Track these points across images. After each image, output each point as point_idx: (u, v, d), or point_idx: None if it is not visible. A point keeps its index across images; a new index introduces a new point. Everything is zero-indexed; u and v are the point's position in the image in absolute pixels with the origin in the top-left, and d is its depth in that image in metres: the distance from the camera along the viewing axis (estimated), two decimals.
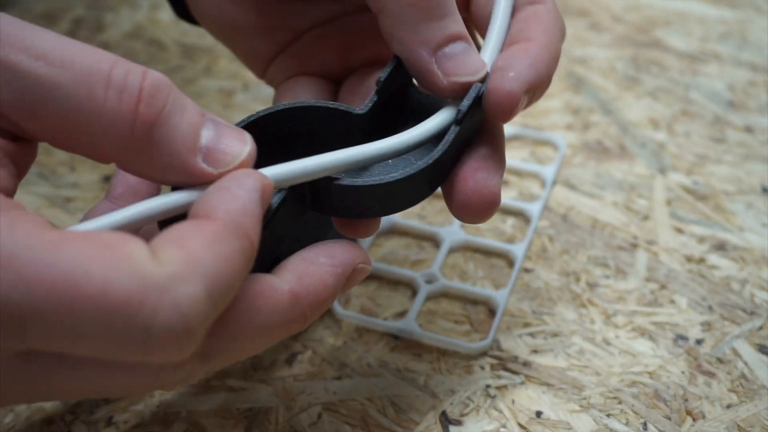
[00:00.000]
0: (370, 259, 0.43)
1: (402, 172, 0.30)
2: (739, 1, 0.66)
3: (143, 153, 0.26)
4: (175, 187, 0.28)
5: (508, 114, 0.31)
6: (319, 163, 0.30)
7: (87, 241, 0.23)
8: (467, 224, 0.46)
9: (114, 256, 0.23)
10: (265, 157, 0.30)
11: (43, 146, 0.28)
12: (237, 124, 0.30)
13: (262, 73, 0.39)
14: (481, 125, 0.33)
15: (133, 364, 0.25)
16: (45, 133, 0.26)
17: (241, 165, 0.28)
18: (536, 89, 0.32)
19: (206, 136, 0.27)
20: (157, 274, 0.23)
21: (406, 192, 0.31)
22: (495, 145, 0.33)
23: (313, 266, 0.29)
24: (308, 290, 0.28)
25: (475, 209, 0.31)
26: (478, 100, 0.32)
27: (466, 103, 0.31)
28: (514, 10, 0.34)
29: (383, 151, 0.31)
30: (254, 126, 0.31)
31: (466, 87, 0.32)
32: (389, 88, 0.33)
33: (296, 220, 0.31)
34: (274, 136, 0.32)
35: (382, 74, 0.33)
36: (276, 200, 0.29)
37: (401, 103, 0.34)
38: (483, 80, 0.32)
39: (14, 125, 0.26)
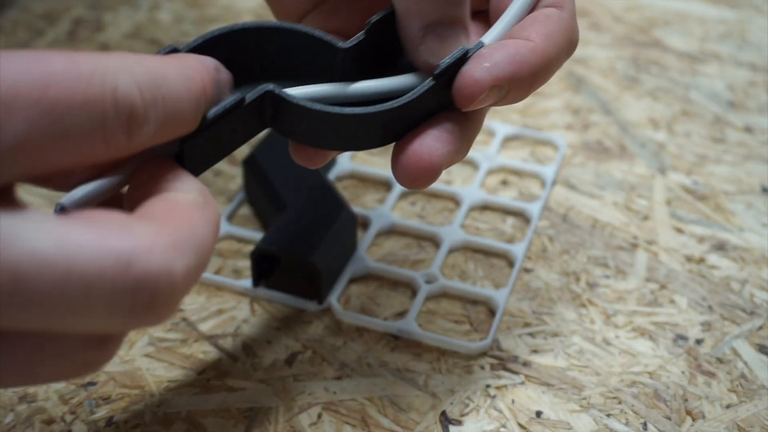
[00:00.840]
0: (370, 258, 0.43)
1: (361, 109, 0.31)
2: (739, 1, 0.66)
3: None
4: None
5: (468, 101, 0.31)
6: (299, 93, 0.31)
7: (84, 222, 0.23)
8: (469, 227, 0.46)
9: (107, 226, 0.23)
10: (240, 73, 0.31)
11: None
12: (212, 32, 0.31)
13: None
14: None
15: (63, 347, 0.24)
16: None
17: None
18: (510, 87, 0.32)
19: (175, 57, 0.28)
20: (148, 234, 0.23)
21: (361, 130, 0.31)
22: (459, 123, 0.32)
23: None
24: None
25: (410, 172, 0.31)
26: (460, 62, 0.32)
27: (447, 60, 0.31)
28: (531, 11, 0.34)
29: (360, 91, 0.32)
30: (236, 35, 0.32)
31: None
32: (380, 31, 0.33)
33: (248, 130, 0.31)
34: (253, 53, 0.32)
35: (375, 16, 0.33)
36: (230, 101, 0.29)
37: (392, 50, 0.34)
38: (467, 52, 0.32)
39: None
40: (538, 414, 0.37)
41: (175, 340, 0.39)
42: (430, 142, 0.31)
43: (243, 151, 0.50)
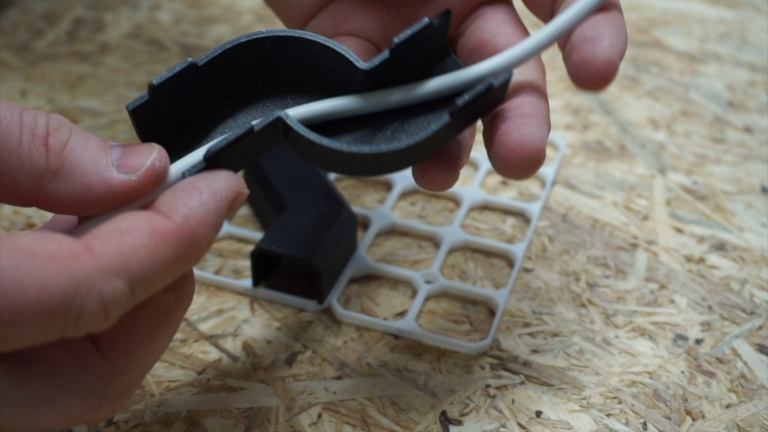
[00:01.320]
0: (370, 258, 0.43)
1: (368, 148, 0.30)
2: (738, 1, 0.66)
3: (60, 178, 0.28)
4: None
5: (605, 82, 0.31)
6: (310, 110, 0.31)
7: (19, 251, 0.24)
8: (469, 227, 0.46)
9: (46, 257, 0.24)
10: (260, 83, 0.31)
11: None
12: (236, 39, 0.31)
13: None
14: (494, 107, 0.32)
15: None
16: None
17: (154, 166, 0.29)
18: (623, 56, 0.31)
19: (114, 155, 0.29)
20: (87, 266, 0.25)
21: (368, 164, 0.31)
22: (539, 104, 0.32)
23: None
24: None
25: (517, 163, 0.31)
26: (485, 94, 0.31)
27: (466, 98, 0.30)
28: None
29: (374, 105, 0.32)
30: (259, 43, 0.31)
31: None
32: (403, 51, 0.32)
33: (262, 148, 0.31)
34: (273, 63, 0.32)
35: (400, 36, 0.32)
36: (237, 134, 0.29)
37: (414, 68, 0.33)
38: (492, 86, 0.31)
39: None
40: (538, 414, 0.37)
41: (175, 340, 0.39)
42: (528, 131, 0.31)
43: None
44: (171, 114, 0.31)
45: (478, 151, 0.51)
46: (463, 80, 0.32)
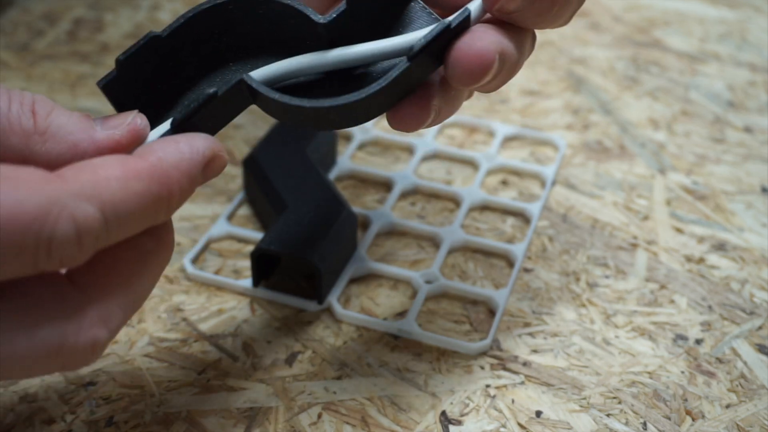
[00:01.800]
0: (370, 258, 0.43)
1: (333, 100, 0.30)
2: (738, 1, 0.66)
3: (48, 139, 0.29)
4: None
5: (478, 76, 0.31)
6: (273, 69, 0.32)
7: None
8: (469, 227, 0.46)
9: (18, 180, 0.25)
10: (226, 48, 0.32)
11: None
12: (194, 9, 0.31)
13: None
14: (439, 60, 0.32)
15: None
16: None
17: (136, 122, 0.30)
18: (506, 61, 0.31)
19: (98, 122, 0.30)
20: (57, 188, 0.25)
21: (335, 117, 0.31)
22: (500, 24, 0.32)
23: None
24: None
25: (465, 67, 0.31)
26: (443, 34, 0.31)
27: (422, 41, 0.30)
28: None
29: (338, 60, 0.32)
30: (219, 9, 0.32)
31: None
32: (361, 1, 0.32)
33: (231, 110, 0.32)
34: (237, 28, 0.32)
35: None
36: (201, 97, 0.30)
37: (378, 20, 0.33)
38: (449, 25, 0.31)
39: None
40: (538, 414, 0.37)
41: (175, 340, 0.39)
42: (475, 37, 0.31)
43: (243, 151, 0.50)
44: (143, 86, 0.31)
45: (478, 151, 0.51)
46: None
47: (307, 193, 0.43)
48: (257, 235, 0.44)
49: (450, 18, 0.31)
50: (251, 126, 0.52)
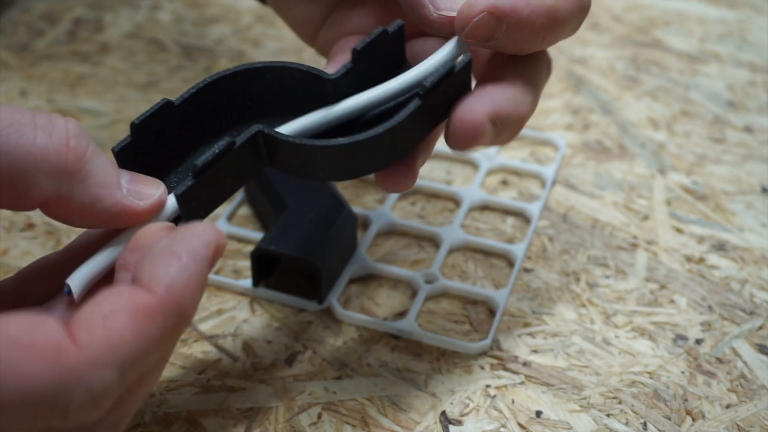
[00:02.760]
0: (370, 258, 0.43)
1: (349, 138, 0.30)
2: (738, 1, 0.66)
3: (77, 183, 0.28)
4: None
5: (469, 142, 0.32)
6: (290, 129, 0.32)
7: (5, 339, 0.24)
8: (469, 227, 0.46)
9: (32, 349, 0.24)
10: (236, 115, 0.32)
11: None
12: (204, 80, 0.32)
13: (312, 41, 0.40)
14: (464, 90, 0.33)
15: None
16: None
17: (160, 200, 0.30)
18: (504, 121, 0.32)
19: (123, 177, 0.30)
20: (73, 361, 0.24)
21: (355, 158, 0.31)
22: (498, 78, 0.33)
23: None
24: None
25: (455, 134, 0.32)
26: (447, 76, 0.32)
27: (430, 79, 0.31)
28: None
29: (350, 109, 0.33)
30: (227, 80, 0.32)
31: (452, 22, 0.33)
32: (365, 57, 0.33)
33: (246, 171, 0.32)
34: (246, 94, 0.33)
35: (359, 43, 0.33)
36: (220, 146, 0.30)
37: (381, 72, 0.34)
38: (454, 68, 0.32)
39: None
40: (538, 414, 0.37)
41: None
42: (468, 106, 0.32)
43: None
44: (154, 147, 0.32)
45: (478, 152, 0.51)
46: (423, 74, 0.33)
47: (307, 193, 0.43)
48: (257, 235, 0.44)
49: (454, 63, 0.32)
50: None
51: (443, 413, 0.37)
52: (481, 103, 0.32)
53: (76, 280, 0.29)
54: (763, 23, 0.64)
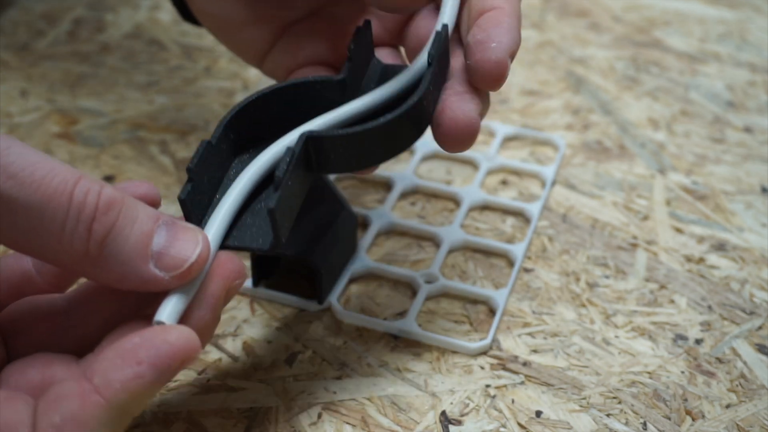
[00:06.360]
0: (370, 258, 0.43)
1: (393, 113, 0.32)
2: (738, 1, 0.66)
3: (97, 266, 0.28)
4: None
5: (499, 81, 0.33)
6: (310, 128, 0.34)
7: None
8: (469, 227, 0.46)
9: None
10: (259, 137, 0.34)
11: None
12: (230, 110, 0.34)
13: (260, 63, 0.41)
14: (446, 71, 0.35)
15: None
16: (7, 241, 0.28)
17: (191, 268, 0.29)
18: (515, 54, 0.34)
19: (158, 242, 0.29)
20: None
21: (401, 132, 0.33)
22: (467, 82, 0.35)
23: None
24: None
25: (455, 135, 0.33)
26: (445, 42, 0.34)
27: (434, 49, 0.34)
28: None
29: (370, 104, 0.35)
30: (253, 105, 0.34)
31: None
32: (357, 56, 0.36)
33: (304, 185, 0.33)
34: (270, 114, 0.35)
35: (351, 42, 0.36)
36: (289, 157, 0.31)
37: (365, 73, 0.37)
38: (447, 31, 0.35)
39: None
40: (538, 414, 0.37)
41: None
42: (459, 105, 0.34)
43: None
44: (208, 183, 0.33)
45: (478, 151, 0.51)
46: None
47: (307, 193, 0.43)
48: None
49: (438, 28, 0.35)
50: None
51: (443, 413, 0.37)
52: (468, 101, 0.34)
53: (166, 317, 0.29)
54: (763, 23, 0.64)
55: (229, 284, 0.30)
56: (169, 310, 0.29)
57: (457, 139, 0.33)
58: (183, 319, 0.29)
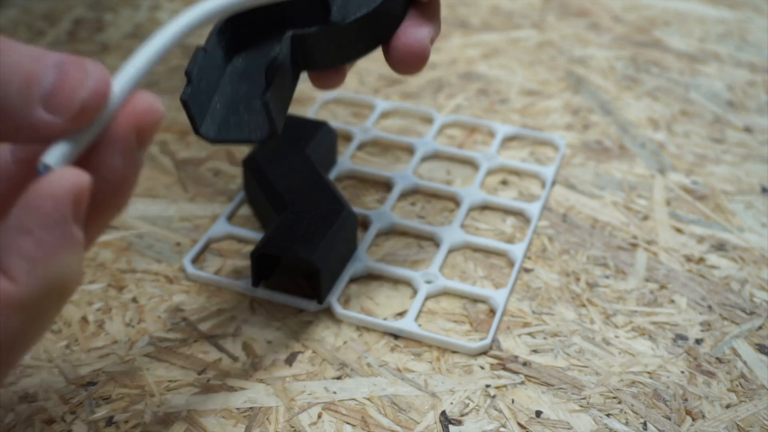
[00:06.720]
0: (370, 258, 0.43)
1: (368, 9, 0.36)
2: (738, 1, 0.66)
3: None
4: None
5: (419, 66, 0.37)
6: None
7: None
8: (469, 227, 0.46)
9: None
10: (249, 42, 0.37)
11: None
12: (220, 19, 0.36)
13: None
14: None
15: None
16: None
17: (85, 106, 0.25)
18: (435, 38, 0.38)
19: (45, 82, 0.25)
20: None
21: (377, 26, 0.37)
22: (423, 12, 0.38)
23: None
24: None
25: (407, 60, 0.37)
26: None
27: None
28: None
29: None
30: (243, 13, 0.36)
31: None
32: None
33: (293, 81, 0.36)
34: (258, 21, 0.37)
35: None
36: (276, 55, 0.34)
37: None
38: None
39: None
40: (538, 414, 0.37)
41: (175, 340, 0.39)
42: (413, 31, 0.37)
43: (243, 151, 0.50)
44: (206, 86, 0.35)
45: (478, 151, 0.51)
46: None
47: (307, 193, 0.43)
48: (257, 235, 0.44)
49: None
50: None
51: (443, 413, 0.37)
52: (423, 27, 0.37)
53: (53, 159, 0.25)
54: (762, 23, 0.64)
55: (138, 122, 0.26)
56: (56, 151, 0.25)
57: (410, 63, 0.37)
58: (95, 171, 0.26)
